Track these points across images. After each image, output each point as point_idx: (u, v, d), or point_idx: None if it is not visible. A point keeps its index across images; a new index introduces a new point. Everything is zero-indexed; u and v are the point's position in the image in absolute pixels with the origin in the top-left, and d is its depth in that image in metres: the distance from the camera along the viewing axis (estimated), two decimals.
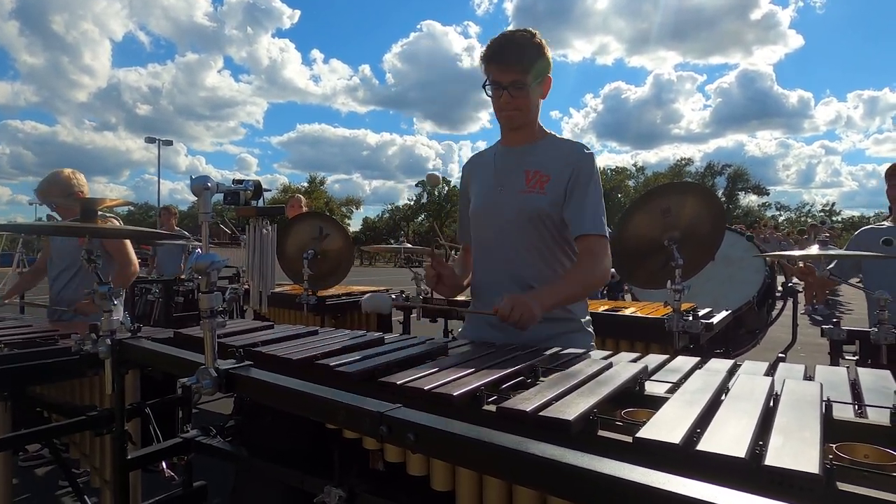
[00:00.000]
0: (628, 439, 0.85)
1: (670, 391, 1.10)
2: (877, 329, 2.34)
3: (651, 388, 1.14)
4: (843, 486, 0.70)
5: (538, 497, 0.87)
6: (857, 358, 2.48)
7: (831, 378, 1.22)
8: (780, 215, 50.94)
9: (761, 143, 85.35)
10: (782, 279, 4.90)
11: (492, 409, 1.02)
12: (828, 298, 12.11)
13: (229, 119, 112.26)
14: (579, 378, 1.11)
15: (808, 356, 5.69)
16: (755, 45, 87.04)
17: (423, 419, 0.90)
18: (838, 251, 2.70)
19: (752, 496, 0.60)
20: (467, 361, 1.30)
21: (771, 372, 1.27)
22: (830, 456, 0.77)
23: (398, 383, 1.11)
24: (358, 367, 1.25)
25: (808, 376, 1.23)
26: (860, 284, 2.99)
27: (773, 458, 0.72)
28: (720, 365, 1.31)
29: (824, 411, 0.93)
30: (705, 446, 0.76)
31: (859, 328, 2.53)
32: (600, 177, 1.77)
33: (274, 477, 1.40)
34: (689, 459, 0.75)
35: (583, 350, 1.51)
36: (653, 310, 2.96)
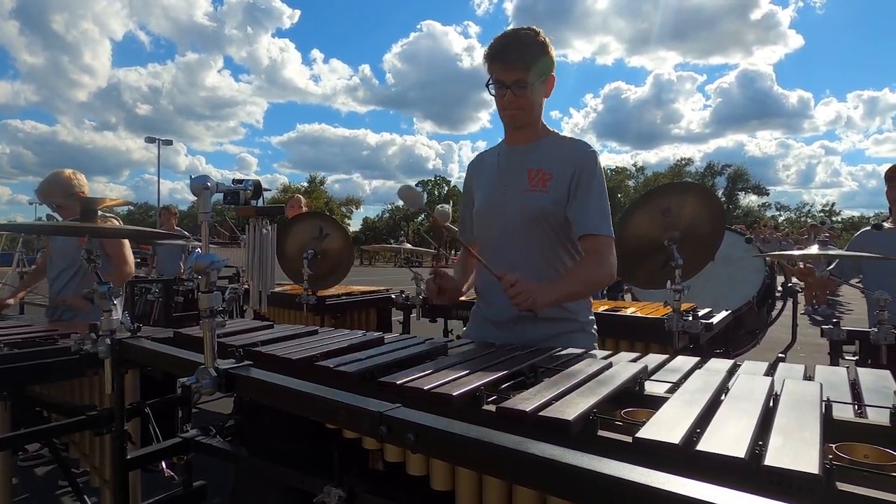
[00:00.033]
0: (628, 439, 0.85)
1: (670, 391, 1.10)
2: (877, 329, 2.34)
3: (651, 388, 1.14)
4: (842, 487, 0.70)
5: (538, 497, 0.87)
6: (856, 358, 2.48)
7: (831, 378, 1.21)
8: (780, 215, 51.03)
9: (761, 143, 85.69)
10: (782, 279, 4.90)
11: (491, 409, 1.02)
12: (828, 299, 12.11)
13: (229, 119, 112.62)
14: (579, 378, 1.11)
15: (807, 356, 5.69)
16: (755, 46, 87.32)
17: (422, 419, 0.90)
18: (838, 251, 2.70)
19: (752, 496, 0.60)
20: (467, 361, 1.30)
21: (771, 372, 1.27)
22: (830, 456, 0.77)
23: (398, 383, 1.11)
24: (358, 367, 1.25)
25: (808, 376, 1.23)
26: (860, 285, 2.99)
27: (772, 458, 0.72)
28: (720, 365, 1.31)
29: (824, 411, 0.93)
30: (705, 446, 0.76)
31: (859, 328, 2.53)
32: (604, 174, 1.76)
33: (274, 477, 1.40)
34: (689, 459, 0.75)
35: (582, 350, 1.51)
36: (653, 310, 2.96)
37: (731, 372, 1.23)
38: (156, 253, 6.87)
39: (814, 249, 2.47)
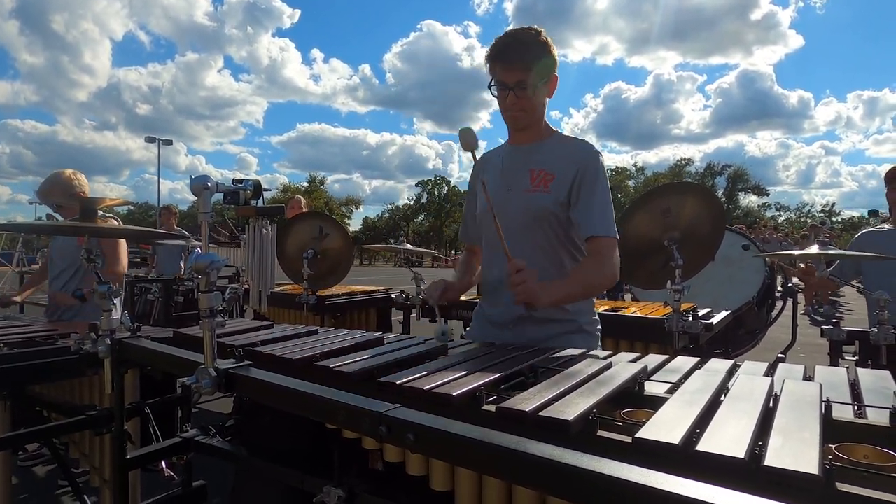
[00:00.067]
0: (628, 440, 0.85)
1: (670, 391, 1.10)
2: (876, 329, 2.34)
3: (651, 388, 1.14)
4: (842, 487, 0.70)
5: (537, 497, 0.88)
6: (856, 358, 2.48)
7: (831, 378, 1.21)
8: (780, 216, 51.02)
9: (761, 143, 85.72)
10: (782, 279, 4.91)
11: (491, 409, 1.02)
12: (830, 299, 12.11)
13: (229, 118, 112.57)
14: (579, 378, 1.11)
15: (807, 356, 5.69)
16: (755, 46, 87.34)
17: (422, 419, 0.90)
18: (838, 251, 2.70)
19: (752, 497, 0.60)
20: (467, 361, 1.30)
21: (770, 372, 1.27)
22: (830, 456, 0.77)
23: (398, 383, 1.11)
24: (358, 367, 1.25)
25: (808, 377, 1.23)
26: (859, 285, 3.00)
27: (772, 458, 0.72)
28: (720, 365, 1.31)
29: (824, 412, 0.93)
30: (705, 447, 0.76)
31: (859, 328, 2.53)
32: (608, 175, 1.76)
33: (273, 477, 1.40)
34: (689, 460, 0.75)
35: (582, 350, 1.51)
36: (653, 310, 2.96)
37: (731, 372, 1.23)
38: (156, 253, 6.86)
39: (814, 250, 2.48)
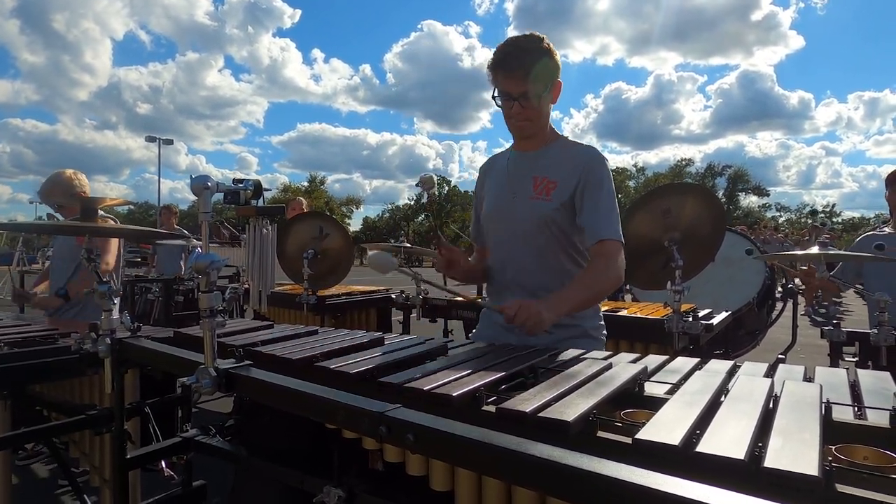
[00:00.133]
0: (628, 440, 0.85)
1: (670, 392, 1.10)
2: (877, 331, 2.34)
3: (650, 388, 1.14)
4: (842, 488, 0.70)
5: (537, 498, 0.87)
6: (856, 360, 2.48)
7: (831, 380, 1.21)
8: (781, 216, 51.03)
9: (762, 143, 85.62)
10: (782, 283, 4.91)
11: (491, 409, 1.02)
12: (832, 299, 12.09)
13: (230, 118, 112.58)
14: (579, 379, 1.11)
15: (807, 357, 5.68)
16: (756, 46, 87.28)
17: (422, 419, 0.90)
18: (838, 251, 2.70)
19: (752, 498, 0.60)
20: (467, 362, 1.30)
21: (770, 373, 1.27)
22: (830, 458, 0.77)
23: (398, 383, 1.11)
24: (358, 368, 1.25)
25: (808, 378, 1.23)
26: (860, 286, 2.99)
27: (772, 459, 0.71)
28: (720, 366, 1.31)
29: (824, 413, 0.93)
30: (705, 448, 0.76)
31: (859, 330, 2.53)
32: (612, 180, 1.75)
33: (273, 476, 1.40)
34: (689, 461, 0.75)
35: (582, 350, 1.51)
36: (653, 310, 2.96)
37: (731, 373, 1.23)
38: (156, 252, 6.86)
39: (814, 250, 2.48)
